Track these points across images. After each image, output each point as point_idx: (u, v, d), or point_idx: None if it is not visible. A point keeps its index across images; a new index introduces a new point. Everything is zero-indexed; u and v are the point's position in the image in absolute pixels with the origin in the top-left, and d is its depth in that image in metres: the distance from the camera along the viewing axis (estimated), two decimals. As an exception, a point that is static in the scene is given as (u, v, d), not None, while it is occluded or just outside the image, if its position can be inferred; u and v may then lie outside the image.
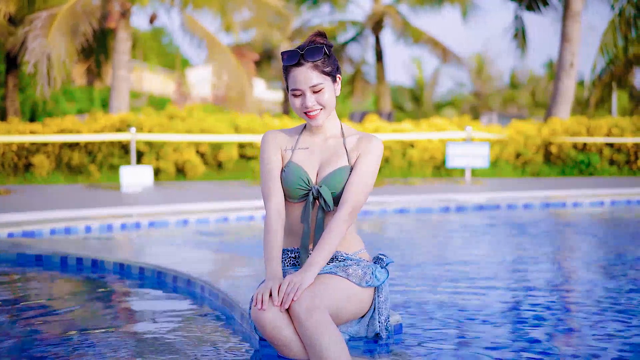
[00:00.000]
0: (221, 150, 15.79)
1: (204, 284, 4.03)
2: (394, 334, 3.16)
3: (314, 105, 2.94)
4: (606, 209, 9.60)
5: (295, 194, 2.98)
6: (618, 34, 19.56)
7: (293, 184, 2.97)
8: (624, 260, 5.45)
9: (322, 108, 2.96)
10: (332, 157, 3.03)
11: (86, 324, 3.51)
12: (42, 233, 6.73)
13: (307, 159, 3.03)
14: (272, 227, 2.94)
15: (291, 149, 3.07)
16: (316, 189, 2.95)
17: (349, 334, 3.05)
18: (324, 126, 3.06)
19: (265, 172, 3.06)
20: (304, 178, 2.97)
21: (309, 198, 2.96)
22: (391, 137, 16.06)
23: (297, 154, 3.05)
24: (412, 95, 46.68)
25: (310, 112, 2.96)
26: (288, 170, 3.00)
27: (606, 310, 3.72)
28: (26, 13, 16.92)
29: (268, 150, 3.08)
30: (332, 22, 31.39)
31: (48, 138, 14.22)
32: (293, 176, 2.98)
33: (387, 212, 8.93)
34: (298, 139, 3.09)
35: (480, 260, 5.56)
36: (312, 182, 2.98)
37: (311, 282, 2.76)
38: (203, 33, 19.18)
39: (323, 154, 3.04)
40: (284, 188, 3.01)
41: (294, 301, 2.69)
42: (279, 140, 3.09)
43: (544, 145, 17.35)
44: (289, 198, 3.02)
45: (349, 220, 2.92)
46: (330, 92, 2.97)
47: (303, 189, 2.97)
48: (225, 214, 8.18)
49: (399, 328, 3.20)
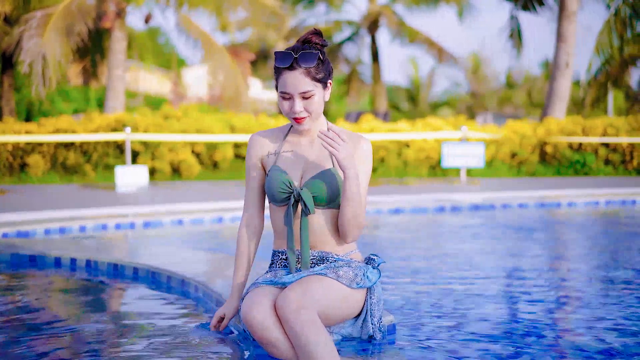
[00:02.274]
0: (217, 150, 15.77)
1: (198, 285, 4.02)
2: (387, 334, 3.15)
3: (301, 111, 2.93)
4: (601, 208, 9.61)
5: (278, 198, 2.97)
6: (614, 34, 19.58)
7: (275, 187, 2.96)
8: (619, 260, 5.45)
9: (309, 114, 2.96)
10: (316, 159, 3.02)
11: (80, 324, 3.50)
12: (36, 233, 6.71)
13: (291, 162, 3.02)
14: (239, 247, 3.11)
15: (275, 152, 3.06)
16: (297, 192, 2.94)
17: (342, 335, 3.04)
18: (310, 128, 3.06)
19: (246, 182, 3.15)
20: (286, 181, 2.95)
21: (291, 201, 2.95)
22: (387, 137, 16.06)
23: (281, 157, 3.04)
24: (408, 95, 46.64)
25: (297, 117, 2.95)
26: (271, 175, 2.99)
27: (601, 310, 3.72)
28: (21, 13, 16.88)
29: (249, 160, 3.12)
30: (328, 22, 31.39)
31: (43, 138, 14.20)
32: (276, 180, 2.97)
33: (382, 212, 8.93)
34: (283, 141, 3.08)
35: (475, 260, 5.56)
36: (294, 185, 2.96)
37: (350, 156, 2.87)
38: (198, 33, 19.16)
39: (308, 156, 3.03)
40: (267, 192, 3.01)
41: (282, 305, 2.70)
42: (262, 146, 3.09)
43: (540, 145, 17.36)
44: (273, 201, 3.02)
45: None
46: (319, 98, 2.95)
47: (285, 192, 2.95)
48: (220, 214, 8.17)
49: (392, 328, 3.19)
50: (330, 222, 3.00)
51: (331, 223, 3.00)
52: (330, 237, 3.00)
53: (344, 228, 2.95)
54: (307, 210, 2.92)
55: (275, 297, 2.83)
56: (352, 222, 2.93)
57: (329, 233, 3.00)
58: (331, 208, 2.98)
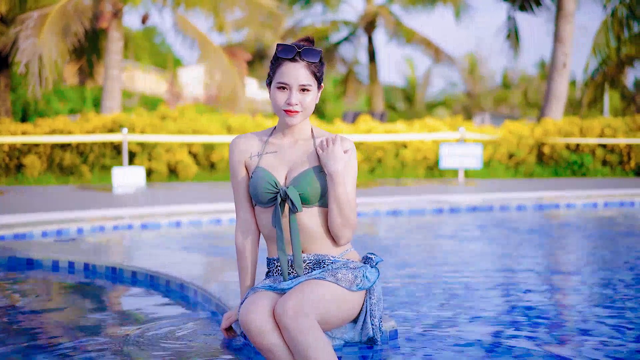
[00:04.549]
0: (214, 150, 15.74)
1: (197, 289, 4.00)
2: (390, 340, 3.13)
3: (297, 104, 2.91)
4: (599, 210, 9.60)
5: (264, 198, 2.93)
6: (611, 35, 19.60)
7: (261, 188, 2.93)
8: (618, 262, 5.44)
9: (302, 110, 2.93)
10: (301, 158, 2.98)
11: (78, 328, 3.48)
12: (33, 235, 6.68)
13: (275, 162, 2.99)
14: (240, 252, 3.07)
15: (258, 154, 3.03)
16: (284, 190, 2.90)
17: (345, 340, 3.02)
18: (294, 128, 3.02)
19: (233, 188, 3.10)
20: (271, 181, 2.92)
21: (277, 200, 2.91)
22: (384, 138, 16.04)
23: (264, 158, 3.01)
24: (404, 94, 46.66)
25: (291, 110, 2.92)
26: (255, 176, 2.96)
27: (601, 311, 3.71)
28: (17, 13, 16.81)
29: (232, 165, 3.08)
30: (325, 22, 31.39)
31: (39, 139, 14.16)
32: (261, 180, 2.93)
33: (380, 213, 8.90)
34: (266, 143, 3.05)
35: (475, 263, 5.54)
36: (280, 185, 2.93)
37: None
38: (195, 33, 19.12)
39: (292, 156, 3.00)
40: (252, 194, 2.97)
41: (280, 312, 2.68)
42: (245, 149, 3.05)
43: (537, 145, 17.36)
44: (260, 204, 2.98)
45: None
46: (314, 96, 2.95)
47: (271, 192, 2.92)
48: (218, 215, 8.14)
49: (394, 334, 3.17)
50: (320, 222, 2.95)
51: (321, 223, 2.95)
52: (322, 238, 2.96)
53: (336, 232, 2.93)
54: (295, 209, 2.88)
55: (273, 302, 2.80)
56: (345, 224, 2.92)
57: (320, 234, 2.95)
58: (319, 206, 2.94)
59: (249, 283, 3.07)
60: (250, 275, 3.07)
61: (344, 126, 17.43)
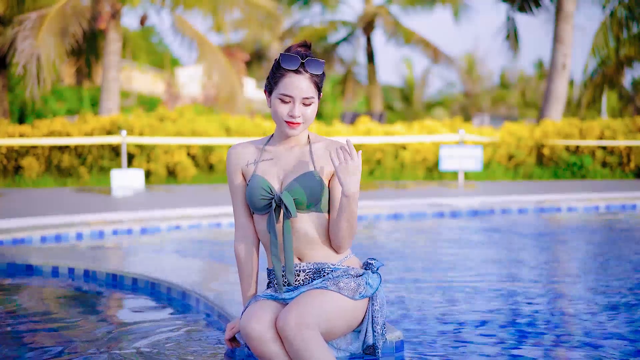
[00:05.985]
0: (212, 152, 15.70)
1: (199, 297, 3.96)
2: (396, 352, 3.08)
3: (299, 116, 2.88)
4: (601, 213, 9.56)
5: (259, 205, 2.91)
6: (610, 35, 19.58)
7: (256, 195, 2.90)
8: (620, 267, 5.40)
9: (304, 121, 2.90)
10: (296, 164, 2.96)
11: (77, 336, 3.45)
12: (32, 240, 6.63)
13: (270, 169, 2.97)
14: (241, 262, 3.03)
15: (254, 162, 3.00)
16: (278, 196, 2.88)
17: (350, 352, 2.98)
18: (294, 136, 2.99)
19: (231, 197, 3.09)
20: (266, 187, 2.90)
21: (272, 206, 2.89)
22: (383, 139, 16.01)
23: (260, 165, 2.98)
24: (402, 95, 46.68)
25: (294, 122, 2.89)
26: (251, 184, 2.94)
27: (605, 315, 3.69)
28: (15, 14, 16.78)
29: (229, 173, 3.06)
30: (323, 23, 31.35)
31: (37, 141, 14.11)
32: (256, 187, 2.91)
33: (381, 217, 8.86)
34: (262, 151, 3.02)
35: (477, 268, 5.51)
36: (275, 190, 2.91)
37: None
38: (193, 33, 19.09)
39: (287, 161, 2.97)
40: (249, 202, 2.95)
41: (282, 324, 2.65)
42: (241, 158, 3.03)
43: (537, 147, 17.33)
44: (256, 211, 2.95)
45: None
46: (315, 107, 2.92)
47: (266, 198, 2.90)
48: (218, 219, 8.10)
49: (400, 345, 3.12)
50: (316, 229, 2.91)
51: (317, 229, 2.92)
52: (320, 243, 2.92)
53: (340, 243, 2.90)
54: (289, 214, 2.86)
55: (275, 311, 2.78)
56: (350, 236, 2.90)
57: (318, 240, 2.92)
58: (314, 212, 2.91)
59: (250, 292, 3.04)
60: (251, 283, 3.04)
61: (342, 127, 17.40)
